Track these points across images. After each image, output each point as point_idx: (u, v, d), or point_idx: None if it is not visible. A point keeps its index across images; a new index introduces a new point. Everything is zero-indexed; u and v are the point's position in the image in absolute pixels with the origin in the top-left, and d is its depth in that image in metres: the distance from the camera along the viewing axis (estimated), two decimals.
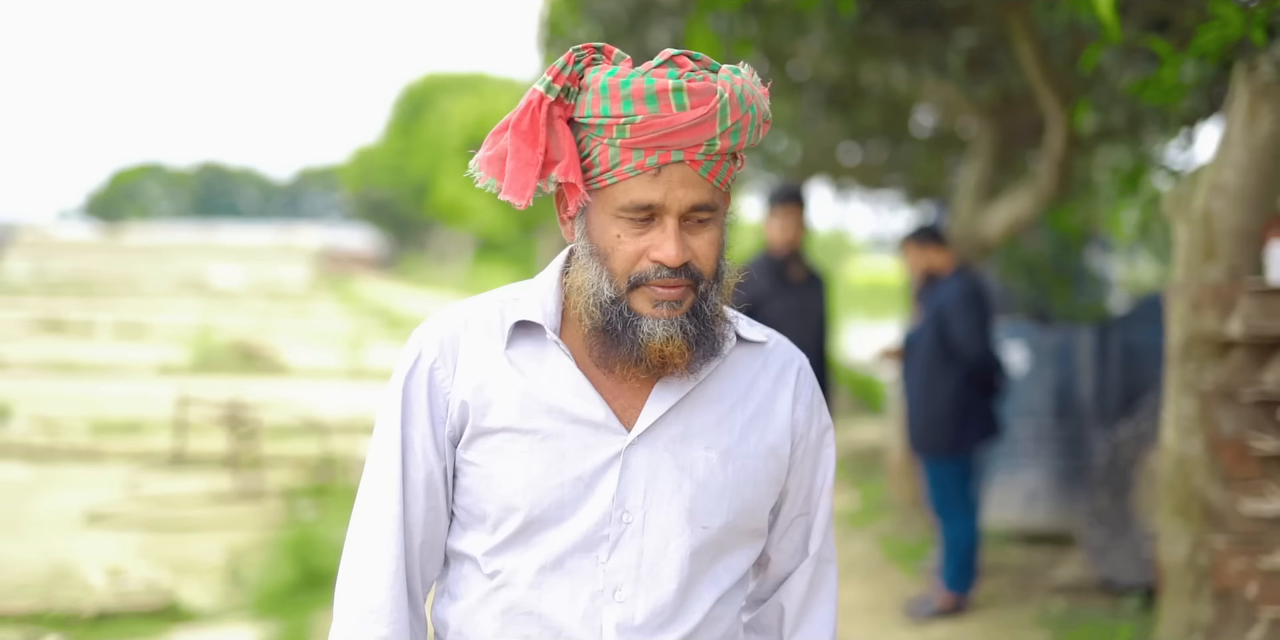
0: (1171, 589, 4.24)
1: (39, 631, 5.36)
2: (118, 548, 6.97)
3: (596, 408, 1.58)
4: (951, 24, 6.83)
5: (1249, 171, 4.00)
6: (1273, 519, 3.79)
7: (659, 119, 1.49)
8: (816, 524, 1.75)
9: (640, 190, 1.52)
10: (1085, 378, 6.62)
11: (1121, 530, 5.35)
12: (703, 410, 1.61)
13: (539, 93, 1.53)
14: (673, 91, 1.49)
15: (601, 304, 1.55)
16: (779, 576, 1.76)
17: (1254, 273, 4.03)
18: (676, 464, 1.59)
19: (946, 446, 5.41)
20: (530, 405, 1.58)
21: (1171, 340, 4.23)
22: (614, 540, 1.57)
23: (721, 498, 1.60)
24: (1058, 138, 6.26)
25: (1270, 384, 3.78)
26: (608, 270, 1.55)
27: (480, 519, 1.60)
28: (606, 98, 1.51)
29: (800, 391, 1.70)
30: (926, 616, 5.43)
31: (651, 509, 1.57)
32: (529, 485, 1.57)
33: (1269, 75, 3.93)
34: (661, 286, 1.54)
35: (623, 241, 1.54)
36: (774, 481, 1.66)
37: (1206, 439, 4.07)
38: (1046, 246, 8.77)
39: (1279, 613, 3.74)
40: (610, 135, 1.51)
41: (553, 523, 1.57)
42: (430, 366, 1.61)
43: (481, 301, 1.66)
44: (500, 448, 1.58)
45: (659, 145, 1.50)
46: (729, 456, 1.61)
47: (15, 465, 9.28)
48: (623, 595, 1.56)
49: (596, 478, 1.57)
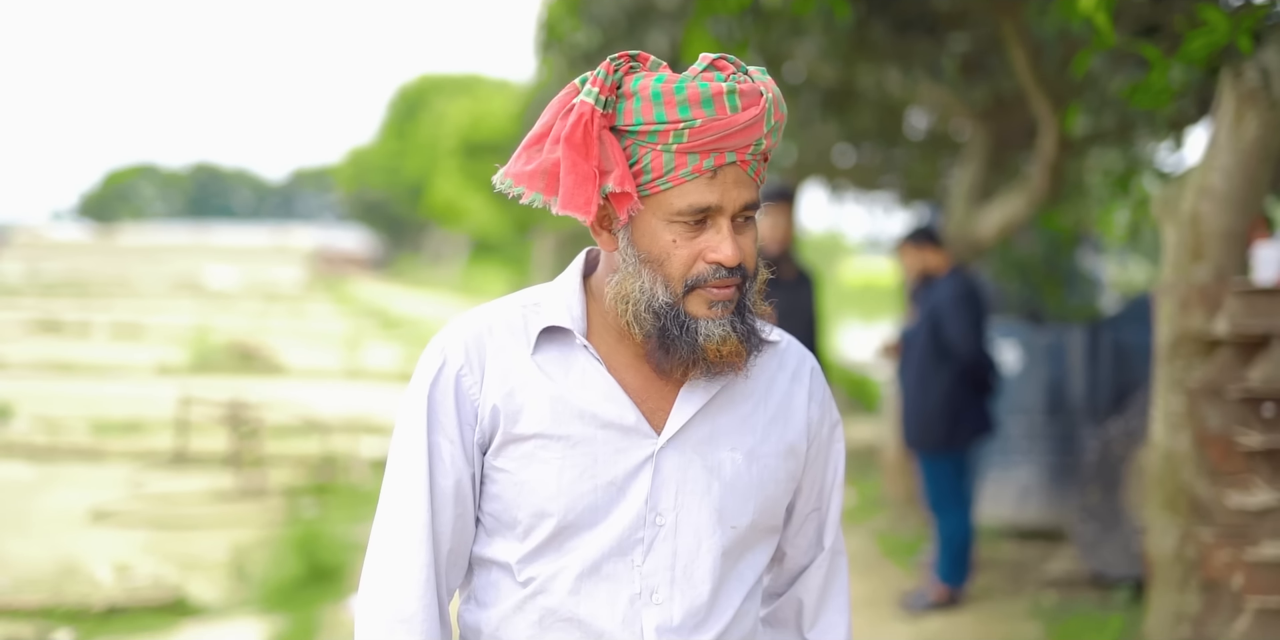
0: (1160, 580, 4.35)
1: (50, 626, 5.46)
2: (123, 544, 7.06)
3: (628, 411, 1.59)
4: (945, 29, 6.95)
5: (1235, 175, 4.11)
6: (1258, 512, 3.90)
7: (716, 121, 1.50)
8: (830, 518, 1.77)
9: (698, 193, 1.52)
10: (1077, 376, 6.73)
11: (1112, 525, 5.46)
12: (727, 411, 1.63)
13: (589, 105, 1.51)
14: (727, 94, 1.51)
15: (657, 310, 1.54)
16: (794, 570, 1.79)
17: (1240, 273, 4.14)
18: (705, 465, 1.60)
19: (941, 443, 5.52)
20: (561, 410, 1.58)
21: (1160, 339, 4.34)
22: (648, 543, 1.58)
23: (748, 497, 1.62)
24: (1049, 141, 6.38)
25: (1255, 381, 3.89)
26: (663, 276, 1.55)
27: (510, 526, 1.60)
28: (660, 104, 1.50)
29: (814, 390, 1.72)
30: (922, 609, 5.54)
31: (683, 511, 1.59)
32: (561, 491, 1.57)
33: (1254, 81, 4.04)
34: (717, 287, 1.55)
35: (679, 246, 1.54)
36: (792, 479, 1.69)
37: (1194, 434, 4.18)
38: (1039, 247, 8.90)
39: (1264, 602, 3.85)
40: (665, 141, 1.51)
41: (585, 527, 1.58)
42: (457, 373, 1.60)
43: (502, 307, 1.66)
44: (532, 454, 1.58)
45: (715, 147, 1.51)
46: (753, 456, 1.63)
47: (18, 464, 9.36)
48: (660, 597, 1.57)
49: (629, 481, 1.58)
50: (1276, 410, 3.85)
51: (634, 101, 1.52)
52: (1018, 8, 5.85)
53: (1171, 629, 4.28)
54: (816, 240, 36.94)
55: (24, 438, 10.26)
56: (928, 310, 5.58)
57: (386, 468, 1.63)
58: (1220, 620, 4.13)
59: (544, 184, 1.56)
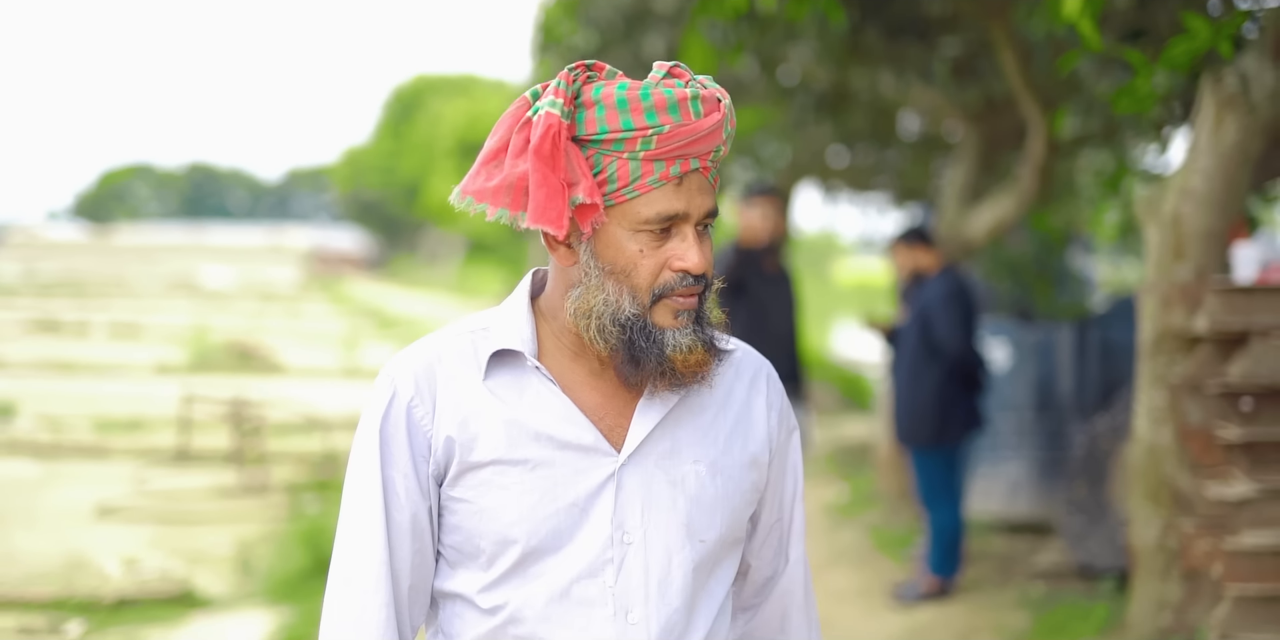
0: (1143, 570, 4.49)
1: (62, 617, 5.58)
2: (130, 539, 7.18)
3: (585, 431, 1.56)
4: (937, 33, 7.09)
5: (1215, 177, 4.25)
6: (1236, 502, 4.03)
7: (683, 127, 1.49)
8: (795, 528, 1.75)
9: (665, 201, 1.51)
10: (1065, 373, 6.88)
11: (1098, 517, 5.60)
12: (686, 423, 1.60)
13: (556, 116, 1.48)
14: (691, 99, 1.50)
15: (623, 322, 1.52)
16: (758, 583, 1.76)
17: (1220, 272, 4.29)
18: (668, 480, 1.57)
19: (932, 439, 5.66)
20: (517, 435, 1.55)
21: (1143, 336, 4.49)
22: (618, 562, 1.55)
23: (714, 510, 1.59)
24: (1038, 143, 6.51)
25: (1233, 376, 4.02)
26: (629, 287, 1.52)
27: (473, 556, 1.57)
28: (626, 111, 1.49)
29: (772, 399, 1.70)
30: (913, 600, 5.69)
31: (651, 527, 1.56)
32: (523, 516, 1.54)
33: (1233, 87, 4.17)
34: (683, 296, 1.53)
35: (645, 255, 1.52)
36: (755, 490, 1.66)
37: (1175, 428, 4.32)
38: (1030, 247, 9.03)
39: (1243, 590, 3.98)
40: (632, 148, 1.49)
41: (550, 552, 1.54)
42: (408, 405, 1.57)
43: (449, 335, 1.62)
44: (490, 481, 1.55)
45: (680, 154, 1.50)
46: (716, 468, 1.60)
47: (23, 461, 9.48)
48: (635, 617, 1.54)
49: (591, 502, 1.55)
50: (1254, 404, 3.98)
51: (596, 110, 1.50)
52: (1007, 12, 5.98)
53: (1154, 617, 4.42)
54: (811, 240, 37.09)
55: (28, 435, 10.39)
56: (919, 309, 5.72)
57: (342, 504, 1.59)
58: (1201, 608, 4.26)
59: (509, 199, 1.53)
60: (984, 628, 5.23)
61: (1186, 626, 4.28)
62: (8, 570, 6.36)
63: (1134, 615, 4.52)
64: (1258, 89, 4.15)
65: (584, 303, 1.54)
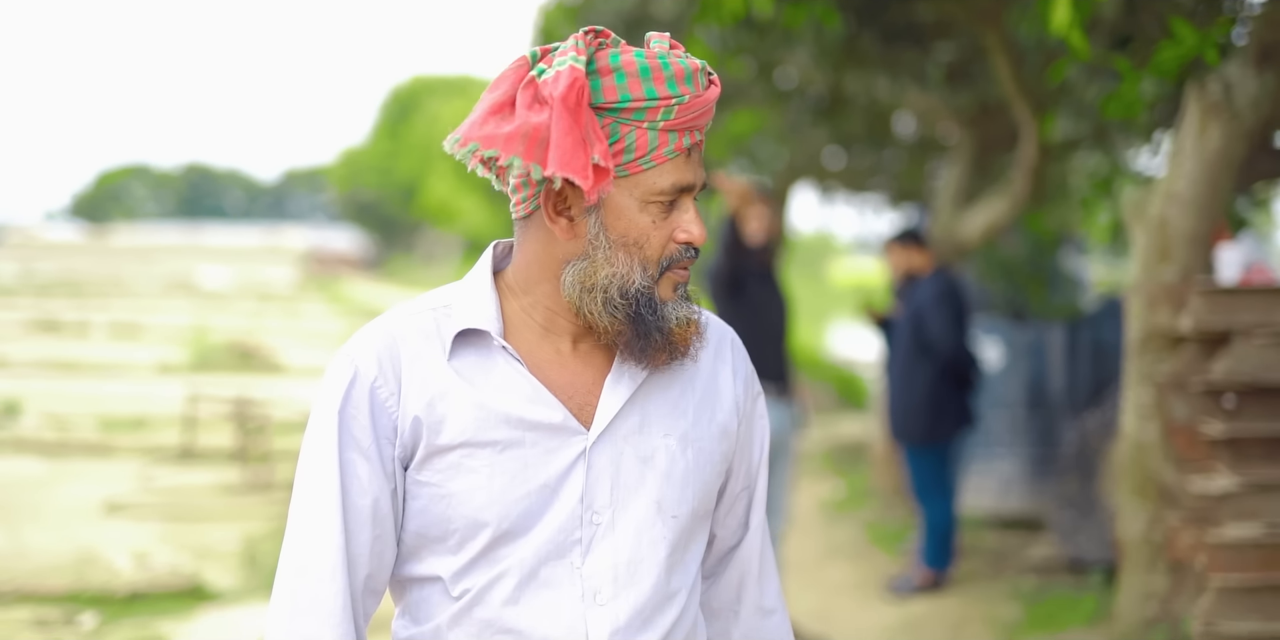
0: (1130, 562, 4.63)
1: (75, 609, 5.70)
2: (138, 535, 7.30)
3: (554, 410, 1.51)
4: (931, 38, 7.22)
5: (1199, 182, 4.38)
6: (1219, 496, 4.16)
7: (697, 98, 1.47)
8: (757, 496, 1.71)
9: (678, 173, 1.49)
10: (1056, 372, 7.02)
11: (1088, 512, 5.74)
12: (655, 397, 1.57)
13: (582, 71, 1.43)
14: (701, 71, 1.49)
15: (631, 294, 1.49)
16: (721, 552, 1.72)
17: (1204, 273, 4.42)
18: (638, 456, 1.54)
19: (925, 435, 5.81)
20: (485, 417, 1.50)
21: (1130, 335, 4.63)
22: (587, 543, 1.51)
23: (686, 484, 1.56)
24: (1030, 146, 6.65)
25: (1217, 374, 4.15)
26: (640, 259, 1.50)
27: (440, 539, 1.52)
28: (649, 79, 1.45)
29: (738, 366, 1.66)
30: (908, 592, 5.83)
31: (620, 506, 1.52)
32: (494, 500, 1.49)
33: (1216, 94, 4.30)
34: (682, 268, 1.53)
35: (657, 227, 1.50)
36: (725, 461, 1.63)
37: (1161, 425, 4.46)
38: (1023, 248, 9.17)
39: (1225, 581, 4.11)
40: (653, 118, 1.46)
41: (519, 534, 1.50)
42: (371, 385, 1.50)
43: (410, 313, 1.56)
44: (459, 464, 1.50)
45: (690, 125, 1.48)
46: (686, 440, 1.57)
47: (30, 459, 9.60)
48: (604, 598, 1.51)
49: (561, 481, 1.51)
50: (1237, 401, 4.11)
51: (615, 77, 1.45)
52: (1000, 18, 6.12)
53: (1140, 607, 4.56)
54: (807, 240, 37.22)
55: (34, 434, 10.51)
56: (911, 309, 5.87)
57: (295, 490, 1.53)
58: (1185, 598, 4.39)
59: (523, 148, 1.45)
60: (976, 619, 5.37)
61: (1171, 616, 4.41)
62: (20, 564, 6.48)
63: (1121, 606, 4.66)
64: (1240, 96, 4.28)
65: (588, 276, 1.50)
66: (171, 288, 32.96)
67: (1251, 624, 3.87)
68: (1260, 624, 3.87)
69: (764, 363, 4.72)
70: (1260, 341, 3.91)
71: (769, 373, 5.00)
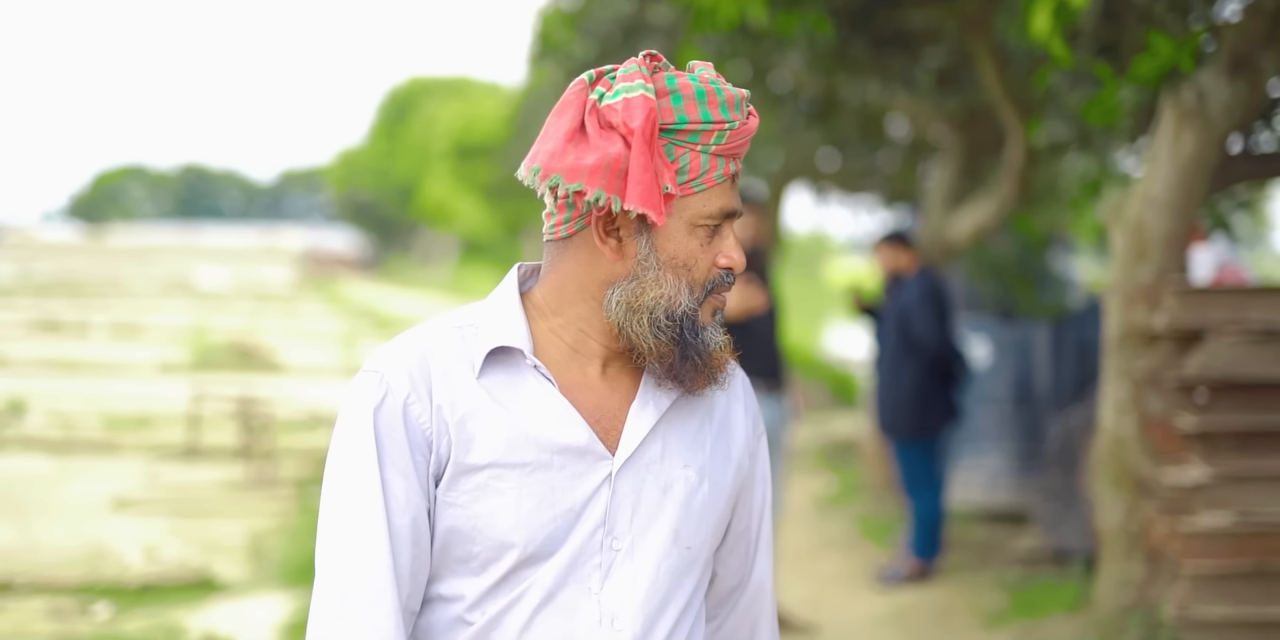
0: (1108, 551, 4.81)
1: (89, 600, 5.88)
2: (147, 530, 7.46)
3: (582, 433, 1.51)
4: (920, 44, 7.40)
5: (1174, 186, 4.56)
6: (1192, 487, 4.34)
7: (745, 126, 1.50)
8: (763, 538, 1.70)
9: (724, 197, 1.50)
10: (1042, 369, 7.21)
11: (1071, 504, 5.92)
12: (676, 427, 1.56)
13: (653, 101, 1.45)
14: (746, 99, 1.51)
15: (677, 316, 1.49)
16: (722, 592, 1.69)
17: (1178, 273, 4.60)
18: (659, 485, 1.53)
19: (913, 430, 6.00)
20: (516, 438, 1.49)
21: (1109, 333, 4.81)
22: (605, 568, 1.50)
23: (702, 517, 1.56)
24: (1017, 149, 6.83)
25: (1190, 370, 4.33)
26: (688, 281, 1.50)
27: (463, 560, 1.50)
28: (705, 103, 1.47)
29: (749, 403, 1.67)
30: (897, 582, 6.02)
31: (639, 533, 1.52)
32: (521, 523, 1.48)
33: (1190, 101, 4.48)
34: (722, 293, 1.54)
35: (704, 251, 1.50)
36: (735, 496, 1.63)
37: (1138, 419, 4.64)
38: (1012, 249, 9.34)
39: (1198, 568, 4.29)
40: (706, 142, 1.47)
41: (543, 558, 1.49)
42: (404, 401, 1.48)
43: (435, 331, 1.55)
44: (486, 485, 1.48)
45: (734, 152, 1.50)
46: (704, 474, 1.57)
47: (37, 457, 9.77)
48: (620, 623, 1.50)
49: (585, 506, 1.50)
50: (1209, 396, 4.29)
51: (672, 99, 1.47)
52: (987, 26, 6.30)
53: (1118, 594, 4.74)
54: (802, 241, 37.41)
55: (40, 432, 10.67)
56: (898, 307, 6.06)
57: (326, 510, 1.48)
58: (1161, 585, 4.57)
59: (605, 181, 1.46)
60: (963, 607, 5.56)
61: (1148, 602, 4.59)
62: (32, 558, 6.65)
63: (1100, 593, 4.84)
64: (1214, 103, 4.45)
65: (636, 297, 1.49)
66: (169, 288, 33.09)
67: (1223, 608, 4.04)
68: (1231, 608, 4.04)
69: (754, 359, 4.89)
70: (1231, 339, 4.08)
71: (760, 369, 5.15)
